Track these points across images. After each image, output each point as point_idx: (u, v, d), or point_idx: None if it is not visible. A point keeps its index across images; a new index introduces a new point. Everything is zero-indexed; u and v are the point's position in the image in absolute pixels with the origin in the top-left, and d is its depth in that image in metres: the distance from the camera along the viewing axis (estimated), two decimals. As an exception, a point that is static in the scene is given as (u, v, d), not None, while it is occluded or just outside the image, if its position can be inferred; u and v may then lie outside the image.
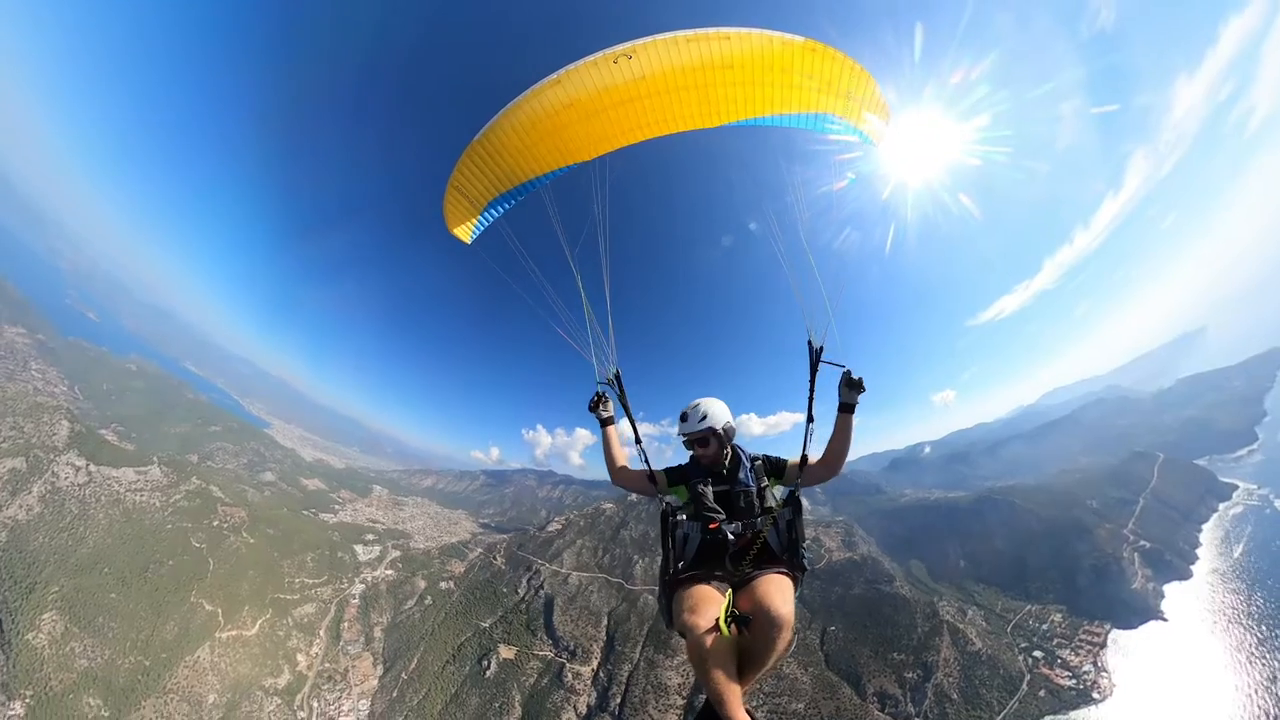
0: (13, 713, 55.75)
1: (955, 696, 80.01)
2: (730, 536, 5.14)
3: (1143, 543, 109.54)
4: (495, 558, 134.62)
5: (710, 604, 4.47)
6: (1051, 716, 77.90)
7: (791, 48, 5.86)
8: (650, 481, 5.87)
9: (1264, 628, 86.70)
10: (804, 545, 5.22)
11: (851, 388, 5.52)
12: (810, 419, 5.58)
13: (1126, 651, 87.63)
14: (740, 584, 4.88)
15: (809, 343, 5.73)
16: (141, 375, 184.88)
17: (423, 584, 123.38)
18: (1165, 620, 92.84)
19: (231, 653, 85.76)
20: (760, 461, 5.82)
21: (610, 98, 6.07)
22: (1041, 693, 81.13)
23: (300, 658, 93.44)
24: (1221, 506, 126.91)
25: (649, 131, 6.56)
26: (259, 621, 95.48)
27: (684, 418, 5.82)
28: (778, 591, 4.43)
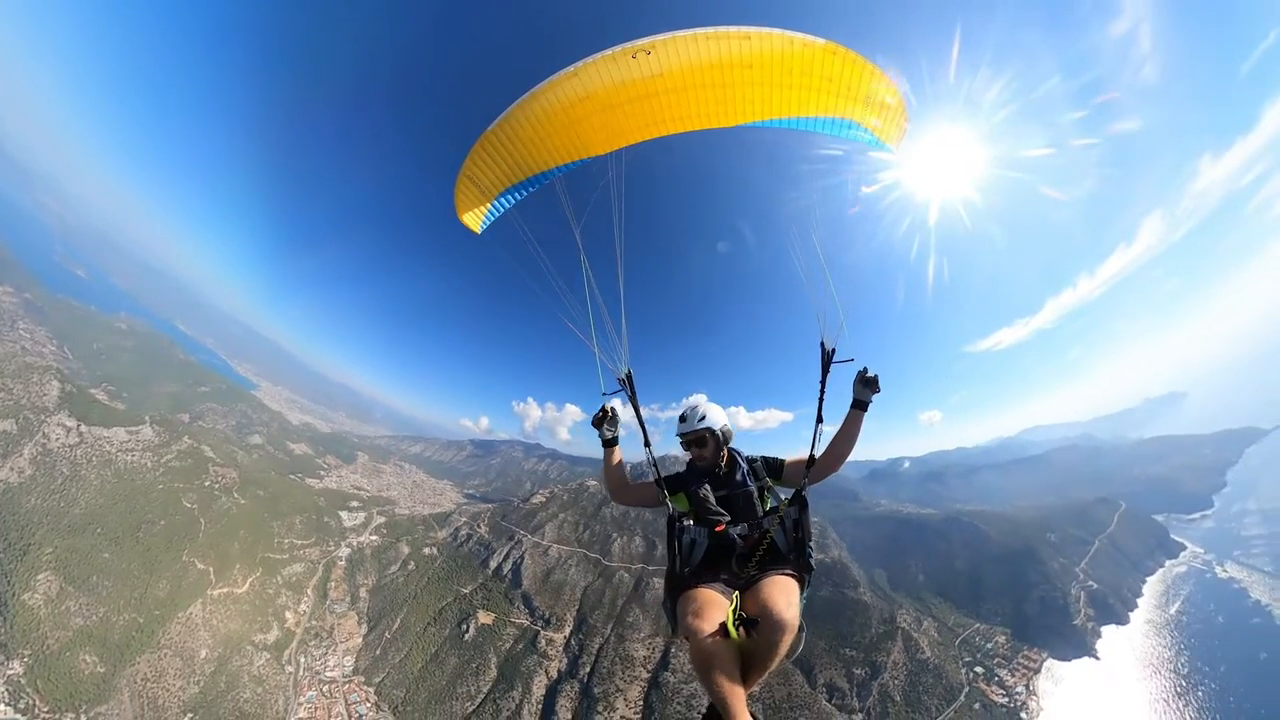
0: (12, 671, 57.79)
1: (898, 698, 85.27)
2: (737, 538, 5.13)
3: (1091, 583, 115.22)
4: (479, 526, 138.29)
5: (714, 608, 4.44)
6: None
7: (812, 49, 5.78)
8: (658, 488, 5.77)
9: (1183, 682, 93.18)
10: (811, 544, 5.16)
11: (866, 385, 5.53)
12: (820, 419, 5.58)
13: (1058, 680, 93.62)
14: (745, 586, 4.83)
15: (821, 344, 5.71)
16: (131, 334, 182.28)
17: (406, 550, 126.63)
18: (1097, 659, 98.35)
19: (223, 609, 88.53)
20: (758, 463, 5.81)
21: (628, 92, 6.00)
22: (976, 705, 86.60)
23: (289, 615, 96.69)
24: (1168, 562, 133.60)
25: (665, 128, 6.49)
26: (249, 580, 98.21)
27: (683, 419, 5.82)
28: (782, 594, 4.40)
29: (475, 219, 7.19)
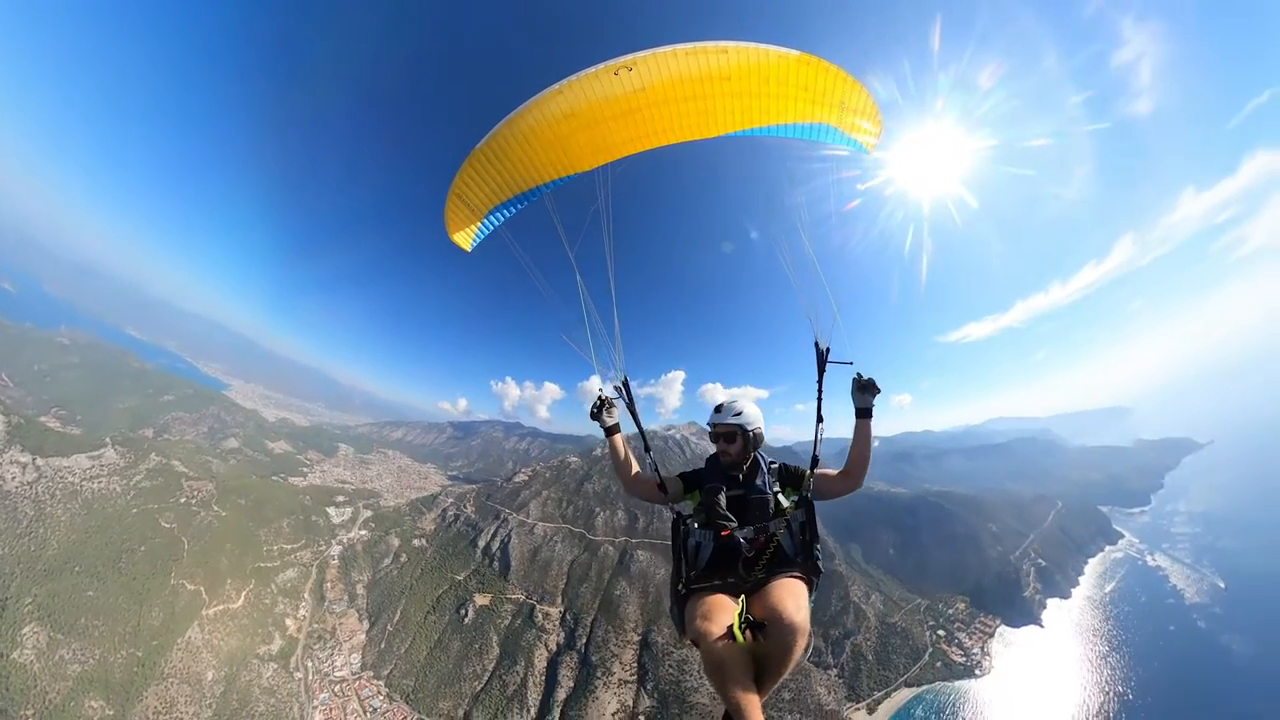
0: (17, 736, 57.53)
1: (870, 657, 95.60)
2: (744, 542, 5.05)
3: (1040, 560, 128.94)
4: (465, 507, 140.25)
5: (723, 611, 4.39)
6: (942, 683, 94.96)
7: (787, 60, 5.98)
8: (661, 490, 5.65)
9: (1107, 647, 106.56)
10: (818, 547, 5.12)
11: (864, 390, 5.44)
12: (820, 419, 5.58)
13: (1008, 643, 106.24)
14: (753, 589, 4.78)
15: (815, 344, 5.72)
16: (76, 349, 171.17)
17: (396, 542, 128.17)
18: (1042, 627, 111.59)
19: (221, 628, 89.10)
20: (777, 467, 5.73)
21: (611, 108, 6.14)
22: (938, 664, 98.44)
23: (289, 622, 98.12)
24: (1108, 548, 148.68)
25: (649, 141, 6.64)
26: (243, 593, 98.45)
27: (718, 409, 5.72)
28: (790, 596, 4.35)
29: (465, 237, 7.24)
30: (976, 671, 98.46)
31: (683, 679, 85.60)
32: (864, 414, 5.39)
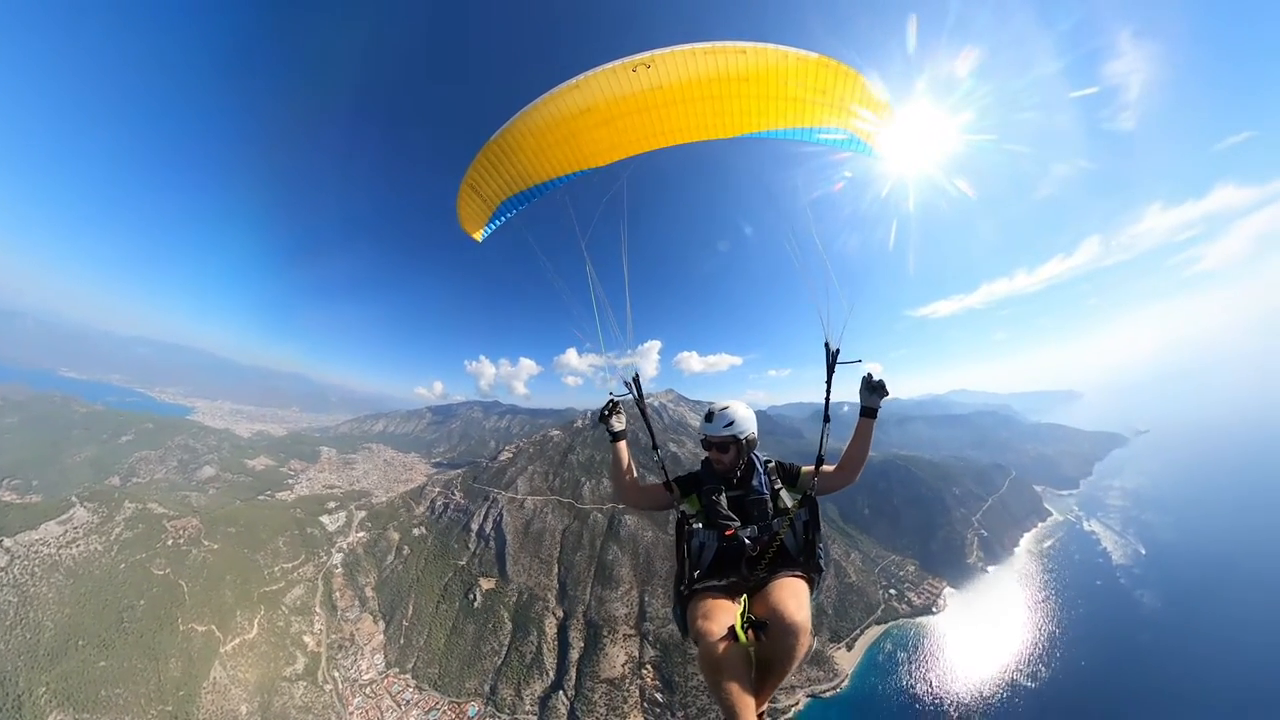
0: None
1: (830, 611, 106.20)
2: (747, 541, 5.00)
3: (983, 531, 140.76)
4: (454, 493, 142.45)
5: (724, 612, 4.35)
6: (893, 621, 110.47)
7: (806, 63, 5.89)
8: (667, 490, 5.59)
9: (1042, 593, 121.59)
10: (820, 545, 5.09)
11: (873, 391, 5.44)
12: (826, 418, 5.60)
13: (953, 601, 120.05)
14: (755, 589, 4.73)
15: (825, 344, 5.66)
16: (9, 407, 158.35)
17: (396, 536, 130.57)
18: (982, 588, 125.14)
19: (243, 661, 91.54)
20: (774, 465, 5.67)
21: (627, 105, 6.10)
22: (888, 621, 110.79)
23: (307, 639, 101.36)
24: (1040, 524, 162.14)
25: (664, 140, 6.61)
26: (256, 621, 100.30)
27: (709, 418, 5.54)
28: (792, 596, 4.30)
29: (477, 228, 7.27)
30: (933, 610, 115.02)
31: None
32: (869, 413, 5.45)
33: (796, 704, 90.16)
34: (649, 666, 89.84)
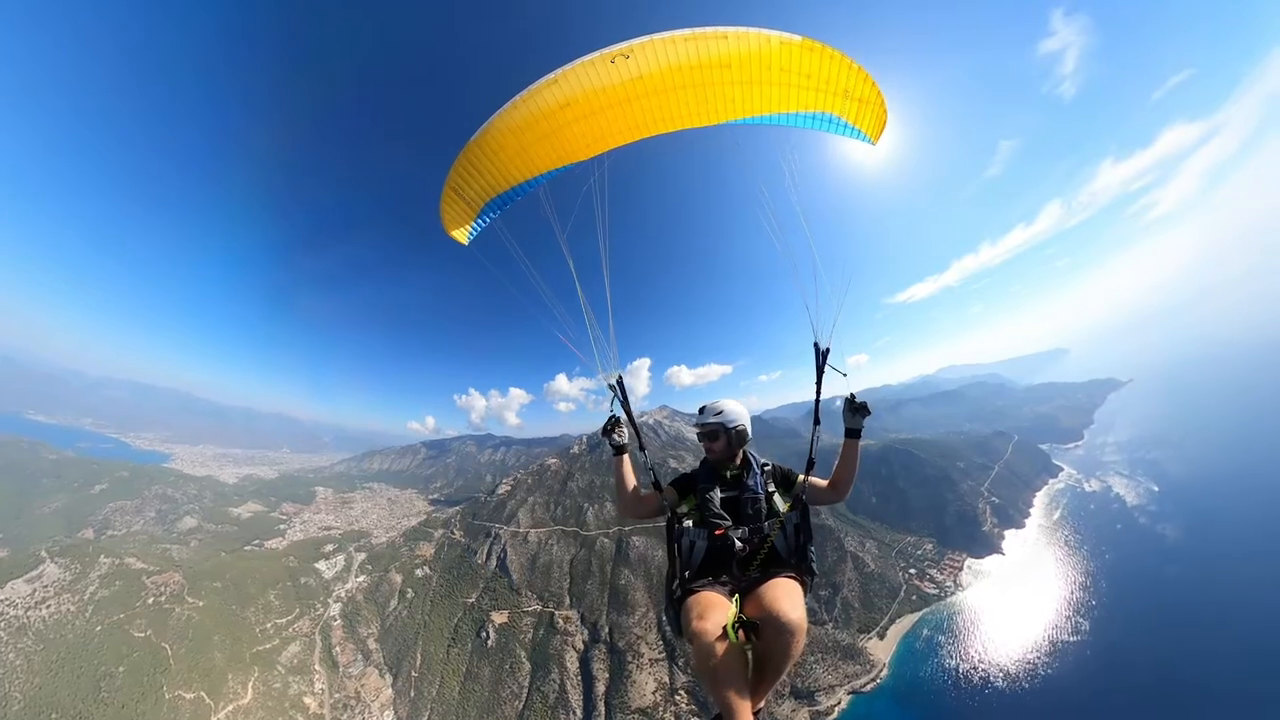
0: None
1: (856, 605, 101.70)
2: (737, 543, 4.92)
3: (994, 498, 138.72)
4: (454, 531, 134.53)
5: (717, 611, 4.17)
6: (926, 608, 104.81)
7: (789, 47, 5.64)
8: (659, 491, 5.51)
9: (1059, 561, 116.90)
10: (812, 548, 5.01)
11: (855, 412, 5.41)
12: (816, 421, 5.74)
13: (977, 573, 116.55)
14: (747, 589, 4.57)
15: (815, 345, 5.58)
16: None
17: (399, 578, 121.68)
18: (1004, 555, 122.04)
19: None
20: (770, 467, 5.59)
21: (608, 97, 5.82)
22: (914, 597, 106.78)
23: (308, 701, 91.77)
24: (1050, 482, 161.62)
25: (646, 130, 6.31)
26: (249, 685, 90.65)
27: (701, 410, 5.65)
28: (786, 596, 4.11)
29: (462, 232, 6.86)
30: (960, 587, 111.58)
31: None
32: (853, 434, 5.39)
33: (839, 703, 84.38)
34: (682, 691, 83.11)
